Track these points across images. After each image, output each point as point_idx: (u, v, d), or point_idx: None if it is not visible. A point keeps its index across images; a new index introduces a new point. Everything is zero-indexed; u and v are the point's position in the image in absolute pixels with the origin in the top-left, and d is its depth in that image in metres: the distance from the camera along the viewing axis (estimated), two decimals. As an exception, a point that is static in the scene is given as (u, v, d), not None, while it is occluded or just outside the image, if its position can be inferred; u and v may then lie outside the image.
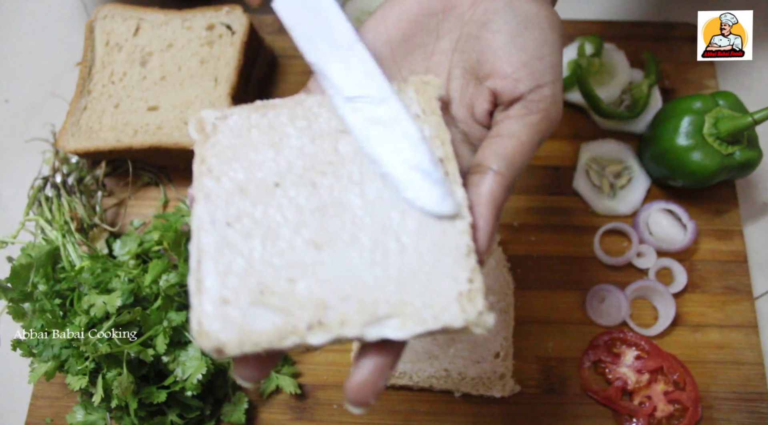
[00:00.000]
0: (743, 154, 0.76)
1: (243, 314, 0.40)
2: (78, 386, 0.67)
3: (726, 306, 0.79)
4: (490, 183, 0.46)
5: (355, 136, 0.47)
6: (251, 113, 0.49)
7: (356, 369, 0.42)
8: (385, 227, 0.43)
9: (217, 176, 0.45)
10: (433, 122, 0.47)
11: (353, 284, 0.41)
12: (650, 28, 0.95)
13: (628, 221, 0.84)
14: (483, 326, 0.41)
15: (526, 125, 0.48)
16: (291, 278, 0.42)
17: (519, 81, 0.48)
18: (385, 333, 0.40)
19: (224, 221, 0.44)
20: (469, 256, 0.42)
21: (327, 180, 0.45)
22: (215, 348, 0.40)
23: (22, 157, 0.91)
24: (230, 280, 0.41)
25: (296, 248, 0.43)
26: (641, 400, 0.74)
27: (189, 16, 0.88)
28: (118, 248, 0.79)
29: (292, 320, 0.40)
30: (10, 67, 1.00)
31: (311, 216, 0.44)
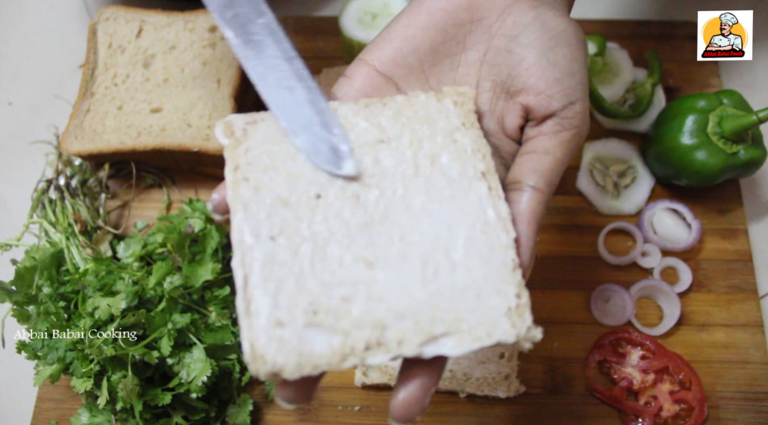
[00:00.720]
0: (748, 153, 0.75)
1: (298, 337, 0.39)
2: (83, 388, 0.67)
3: (731, 305, 0.79)
4: (529, 200, 0.46)
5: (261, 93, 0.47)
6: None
7: (402, 386, 0.42)
8: (434, 243, 0.43)
9: (256, 186, 0.44)
10: (473, 135, 0.47)
11: (408, 303, 0.41)
12: (653, 27, 0.95)
13: (632, 220, 0.84)
14: (532, 340, 0.41)
15: (560, 141, 0.48)
16: (344, 297, 0.41)
17: (552, 98, 0.48)
18: (442, 350, 0.40)
19: (268, 235, 0.42)
20: (515, 271, 0.42)
21: (371, 194, 0.44)
22: (272, 372, 0.38)
23: (26, 159, 0.91)
24: (281, 300, 0.40)
25: (347, 266, 0.42)
26: (647, 400, 0.74)
27: (191, 18, 0.88)
28: (121, 250, 0.79)
29: (350, 341, 0.39)
30: (12, 70, 1.00)
31: (359, 232, 0.43)
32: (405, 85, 0.52)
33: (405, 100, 0.49)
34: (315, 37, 0.97)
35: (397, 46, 0.51)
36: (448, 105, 0.49)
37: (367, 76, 0.51)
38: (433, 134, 0.47)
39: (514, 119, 0.50)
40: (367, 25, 0.87)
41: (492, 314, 0.41)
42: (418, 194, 0.45)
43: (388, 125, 0.48)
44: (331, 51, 0.96)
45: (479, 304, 0.41)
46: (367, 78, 0.51)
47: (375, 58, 0.51)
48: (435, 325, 0.40)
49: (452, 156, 0.46)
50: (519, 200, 0.46)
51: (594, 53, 0.89)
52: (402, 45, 0.51)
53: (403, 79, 0.52)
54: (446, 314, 0.41)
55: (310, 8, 1.00)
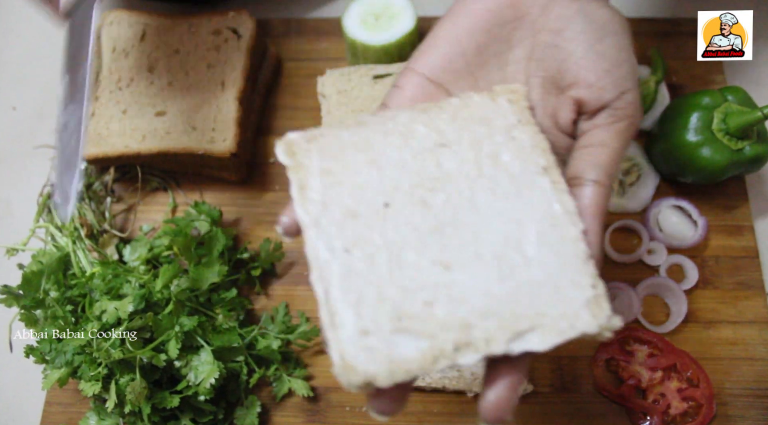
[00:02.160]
0: (753, 149, 0.75)
1: (387, 343, 0.39)
2: (91, 392, 0.67)
3: (738, 302, 0.79)
4: (593, 195, 0.46)
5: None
6: (342, 132, 0.48)
7: (492, 388, 0.41)
8: (505, 240, 0.43)
9: (323, 202, 0.44)
10: (530, 131, 0.48)
11: (489, 301, 0.41)
12: (656, 25, 0.95)
13: (637, 218, 0.84)
14: (612, 329, 0.41)
15: (615, 132, 0.48)
16: (426, 301, 0.41)
17: (604, 89, 0.48)
18: (528, 346, 0.40)
19: (342, 247, 0.42)
20: (588, 262, 0.42)
21: (438, 198, 0.45)
22: (364, 381, 0.38)
23: (30, 164, 0.91)
24: (364, 309, 0.40)
25: (424, 270, 0.42)
26: (655, 398, 0.74)
27: (195, 21, 0.88)
28: (128, 253, 0.79)
29: (438, 343, 0.39)
30: (16, 74, 1.00)
31: (431, 236, 0.43)
32: (455, 89, 0.52)
33: (459, 102, 0.49)
34: (318, 38, 0.97)
35: (443, 51, 0.51)
36: (502, 103, 0.49)
37: (417, 84, 0.51)
38: (491, 133, 0.48)
39: (566, 113, 0.50)
40: (370, 26, 0.87)
41: (572, 306, 0.41)
42: (483, 194, 0.45)
43: (446, 128, 0.48)
44: (334, 52, 0.96)
45: (558, 297, 0.41)
46: (417, 86, 0.51)
47: (422, 65, 0.51)
48: (519, 321, 0.40)
49: (512, 154, 0.46)
50: (582, 195, 0.46)
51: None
52: (448, 50, 0.51)
53: (453, 84, 0.52)
54: (527, 309, 0.41)
55: (312, 10, 1.00)
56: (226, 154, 0.80)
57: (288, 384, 0.75)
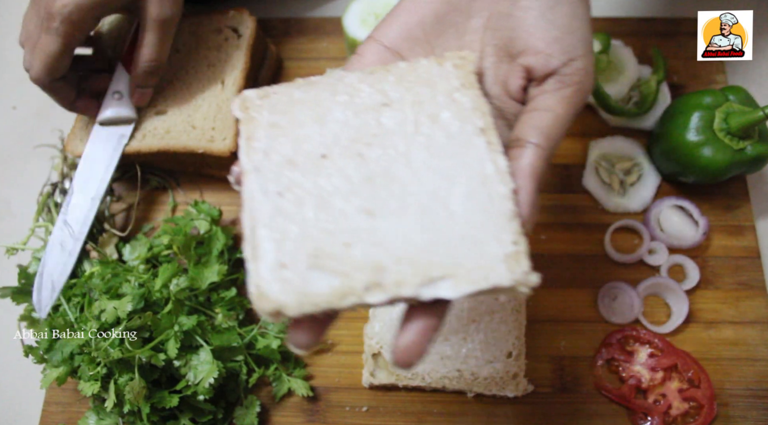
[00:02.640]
0: (754, 148, 0.75)
1: (301, 278, 0.42)
2: (90, 391, 0.67)
3: (739, 302, 0.78)
4: (529, 156, 0.47)
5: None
6: (293, 90, 0.50)
7: (404, 331, 0.43)
8: (433, 194, 0.45)
9: (265, 151, 0.47)
10: (472, 94, 0.49)
11: (406, 248, 0.43)
12: (657, 24, 0.95)
13: (638, 218, 0.83)
14: (528, 285, 0.42)
15: (561, 98, 0.49)
16: (346, 243, 0.43)
17: (551, 56, 0.49)
18: (439, 293, 0.42)
19: (275, 191, 0.45)
20: (513, 220, 0.43)
21: (373, 152, 0.47)
22: (274, 309, 0.41)
23: (31, 163, 0.91)
24: (286, 246, 0.43)
25: (349, 215, 0.44)
26: (656, 398, 0.73)
27: (196, 21, 0.88)
28: (127, 253, 0.79)
29: (350, 281, 0.42)
30: (17, 74, 0.99)
31: (361, 185, 0.45)
32: (411, 57, 0.53)
33: (407, 65, 0.51)
34: (318, 37, 0.97)
35: (403, 20, 0.53)
36: (448, 68, 0.50)
37: (376, 52, 0.53)
38: (434, 95, 0.49)
39: (516, 80, 0.51)
40: (371, 25, 0.87)
41: (489, 259, 0.42)
42: (419, 151, 0.46)
43: (390, 89, 0.49)
44: (334, 52, 0.96)
45: (477, 250, 0.43)
46: (375, 54, 0.53)
47: (382, 34, 0.53)
48: (433, 269, 0.42)
49: (452, 114, 0.48)
50: (520, 156, 0.47)
51: (598, 51, 0.88)
52: (408, 19, 0.53)
53: (410, 52, 0.53)
54: (444, 259, 0.42)
55: (313, 9, 1.00)
56: (226, 153, 0.80)
57: (287, 383, 0.75)
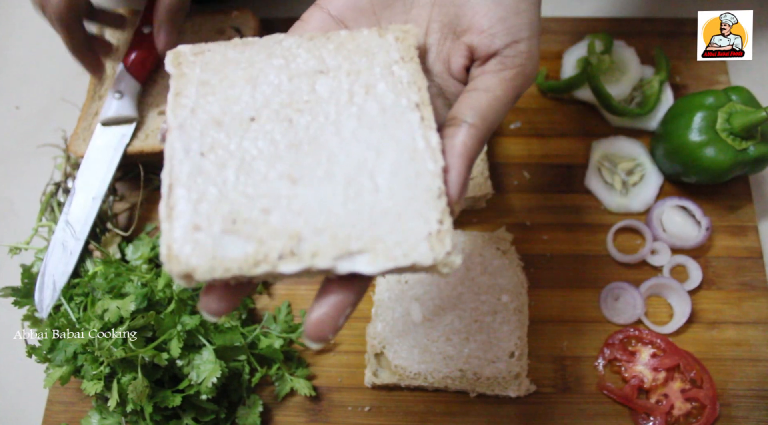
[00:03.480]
0: (757, 149, 0.75)
1: (214, 241, 0.41)
2: (93, 391, 0.67)
3: (742, 303, 0.78)
4: (463, 135, 0.46)
5: None
6: (228, 49, 0.49)
7: (318, 304, 0.43)
8: (360, 166, 0.44)
9: (192, 109, 0.46)
10: (411, 68, 0.48)
11: (327, 219, 0.42)
12: (660, 25, 0.95)
13: (641, 218, 0.83)
14: (450, 266, 0.42)
15: (501, 80, 0.48)
16: (264, 209, 0.42)
17: (495, 36, 0.48)
18: (356, 267, 0.41)
19: (198, 151, 0.44)
20: (440, 198, 0.43)
21: (303, 118, 0.46)
22: (184, 272, 0.40)
23: (34, 163, 0.91)
24: (202, 207, 0.42)
25: (270, 181, 0.43)
26: (658, 398, 0.73)
27: (198, 20, 0.88)
28: (130, 252, 0.79)
29: (264, 248, 0.41)
30: (20, 74, 1.00)
31: (286, 151, 0.44)
32: (356, 27, 0.52)
33: (348, 34, 0.50)
34: (321, 38, 0.97)
35: None
36: (389, 40, 0.49)
37: (320, 19, 0.52)
38: (371, 65, 0.48)
39: (458, 59, 0.51)
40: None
41: (411, 236, 0.42)
42: (350, 120, 0.46)
43: (328, 57, 0.49)
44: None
45: (399, 226, 0.42)
46: (319, 21, 0.52)
47: (329, 2, 0.53)
48: (351, 242, 0.41)
49: (388, 86, 0.47)
50: (453, 134, 0.47)
51: (601, 51, 0.88)
52: None
53: (354, 22, 0.53)
54: (364, 233, 0.42)
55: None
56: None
57: (290, 383, 0.75)
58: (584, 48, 0.91)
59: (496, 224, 0.83)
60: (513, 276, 0.77)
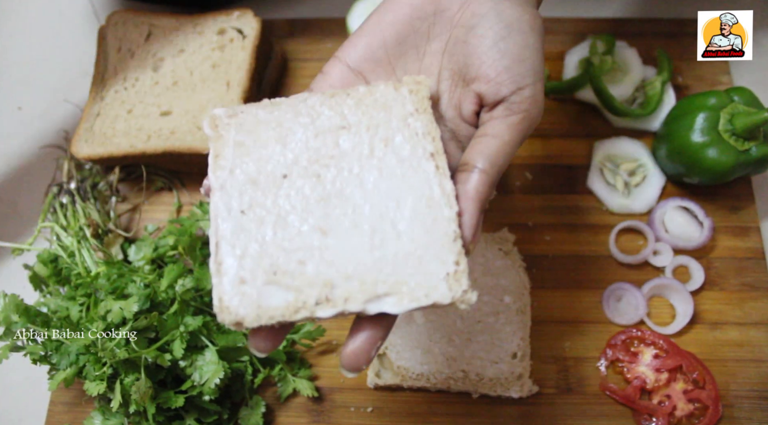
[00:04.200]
0: (759, 150, 0.75)
1: (258, 292, 0.46)
2: (96, 391, 0.67)
3: (744, 303, 0.78)
4: (475, 181, 0.49)
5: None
6: (258, 110, 0.53)
7: (352, 339, 0.48)
8: (382, 215, 0.48)
9: (231, 169, 0.50)
10: (424, 119, 0.51)
11: (355, 266, 0.47)
12: (662, 25, 0.95)
13: (643, 219, 0.83)
14: (467, 303, 0.46)
15: (509, 125, 0.51)
16: (300, 261, 0.47)
17: (501, 84, 0.51)
18: (383, 308, 0.46)
19: (239, 209, 0.48)
20: (456, 241, 0.47)
21: (330, 172, 0.49)
22: (235, 321, 0.45)
23: (36, 164, 0.91)
24: (246, 262, 0.46)
25: (304, 234, 0.47)
26: (660, 399, 0.73)
27: (200, 21, 0.88)
28: (133, 253, 0.79)
29: (303, 297, 0.46)
30: (22, 75, 1.00)
31: (316, 205, 0.48)
32: (373, 78, 0.56)
33: (366, 90, 0.53)
34: (323, 38, 0.97)
35: (366, 42, 0.55)
36: (404, 93, 0.52)
37: (340, 71, 0.55)
38: (389, 119, 0.51)
39: (469, 105, 0.53)
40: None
41: (431, 278, 0.46)
42: (371, 172, 0.49)
43: (349, 112, 0.52)
44: (339, 53, 0.96)
45: (420, 269, 0.46)
46: (339, 73, 0.55)
47: (346, 54, 0.55)
48: (378, 286, 0.46)
49: (404, 138, 0.51)
50: (466, 180, 0.50)
51: (603, 52, 0.88)
52: (371, 41, 0.55)
53: (372, 73, 0.56)
54: (389, 277, 0.46)
55: (318, 10, 1.00)
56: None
57: (293, 384, 0.75)
58: (586, 49, 0.91)
59: (499, 225, 0.83)
60: (515, 277, 0.77)
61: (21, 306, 0.69)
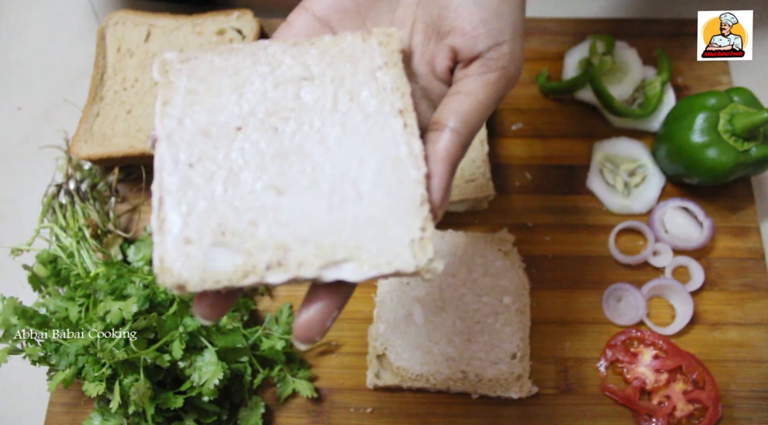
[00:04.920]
0: (759, 150, 0.75)
1: (204, 254, 0.42)
2: (95, 392, 0.67)
3: (744, 304, 0.78)
4: (446, 141, 0.46)
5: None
6: (215, 56, 0.49)
7: (305, 308, 0.44)
8: (343, 174, 0.44)
9: (180, 118, 0.46)
10: (394, 74, 0.48)
11: (312, 228, 0.43)
12: (662, 25, 0.95)
13: (643, 219, 0.83)
14: (433, 272, 0.43)
15: (484, 83, 0.48)
16: (252, 221, 0.43)
17: (477, 39, 0.48)
18: (341, 275, 0.42)
19: (186, 162, 0.44)
20: (422, 206, 0.43)
21: (289, 126, 0.46)
22: (177, 284, 0.41)
23: (36, 164, 0.91)
24: (192, 220, 0.43)
25: (257, 192, 0.44)
26: (660, 400, 0.73)
27: (200, 21, 0.88)
28: (132, 254, 0.79)
29: (252, 260, 0.42)
30: (22, 75, 1.00)
31: (272, 161, 0.45)
32: (341, 29, 0.52)
33: (332, 40, 0.50)
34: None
35: None
36: (373, 45, 0.49)
37: (305, 21, 0.52)
38: (355, 71, 0.48)
39: (442, 60, 0.50)
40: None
41: (394, 244, 0.43)
42: (334, 128, 0.46)
43: (312, 63, 0.49)
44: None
45: (382, 234, 0.43)
46: (304, 23, 0.52)
47: (314, 4, 0.52)
48: (336, 251, 0.42)
49: (371, 93, 0.47)
50: (436, 139, 0.46)
51: (603, 52, 0.88)
52: None
53: (340, 23, 0.52)
54: (349, 241, 0.43)
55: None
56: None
57: (292, 384, 0.75)
58: (586, 49, 0.91)
59: (498, 226, 0.83)
60: (515, 278, 0.77)
61: (19, 309, 0.69)
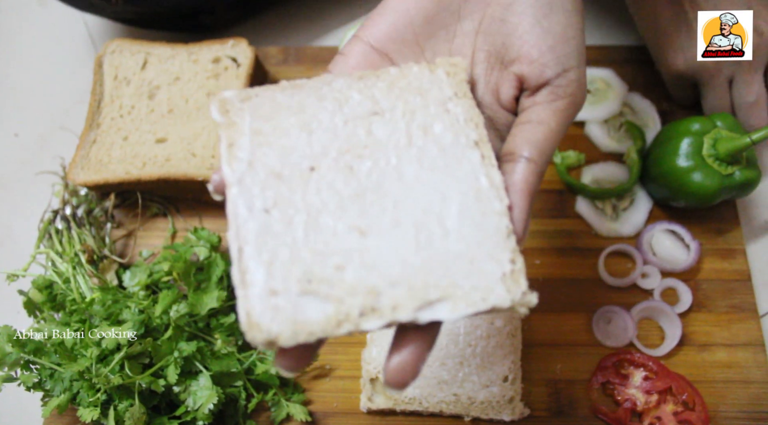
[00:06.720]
0: (743, 174, 0.77)
1: (293, 305, 0.40)
2: (90, 418, 0.67)
3: (732, 325, 0.80)
4: (523, 171, 0.46)
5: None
6: (276, 93, 0.48)
7: (397, 352, 0.42)
8: (426, 210, 0.43)
9: (249, 161, 0.44)
10: (465, 105, 0.47)
11: (401, 269, 0.41)
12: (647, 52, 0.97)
13: (631, 242, 0.85)
14: (527, 305, 0.41)
15: (554, 111, 0.48)
16: (338, 266, 0.41)
17: (546, 66, 0.47)
18: (436, 315, 0.40)
19: (262, 207, 0.43)
20: (509, 238, 0.42)
21: (364, 164, 0.45)
22: (267, 340, 0.39)
23: (32, 190, 0.92)
24: (276, 270, 0.41)
25: (339, 235, 0.42)
26: (651, 421, 0.74)
27: (195, 50, 0.90)
28: (128, 279, 0.80)
29: (344, 307, 0.40)
30: (19, 101, 1.01)
31: (351, 202, 0.43)
32: (400, 59, 0.51)
33: (398, 71, 0.49)
34: (316, 66, 0.99)
35: (391, 20, 0.51)
36: (440, 75, 0.48)
37: (362, 52, 0.51)
38: (426, 104, 0.47)
39: (508, 89, 0.50)
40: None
41: (486, 279, 0.41)
42: (411, 164, 0.45)
43: (381, 97, 0.47)
44: (331, 80, 0.97)
45: (473, 270, 0.41)
46: (361, 55, 0.51)
47: (369, 34, 0.51)
48: (429, 291, 0.40)
49: (445, 126, 0.46)
50: (512, 171, 0.46)
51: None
52: (396, 19, 0.51)
53: (398, 53, 0.51)
54: (440, 280, 0.41)
55: (311, 39, 1.02)
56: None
57: (286, 408, 0.75)
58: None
59: (489, 249, 0.84)
60: (506, 300, 0.78)
61: (13, 336, 0.70)
